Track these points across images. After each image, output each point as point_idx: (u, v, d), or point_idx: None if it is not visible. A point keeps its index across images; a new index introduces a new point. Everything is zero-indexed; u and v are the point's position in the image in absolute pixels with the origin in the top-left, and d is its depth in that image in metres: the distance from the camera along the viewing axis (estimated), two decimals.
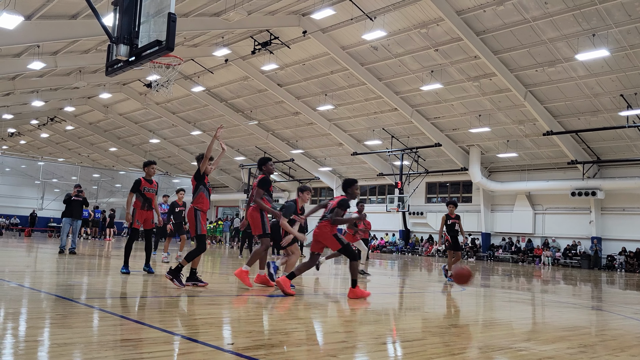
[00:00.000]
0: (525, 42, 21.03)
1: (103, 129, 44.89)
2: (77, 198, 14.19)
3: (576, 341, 5.08)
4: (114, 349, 3.64)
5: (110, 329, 4.48)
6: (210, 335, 4.41)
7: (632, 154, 25.10)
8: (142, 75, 31.23)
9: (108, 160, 51.07)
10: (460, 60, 23.11)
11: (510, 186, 29.33)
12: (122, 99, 37.57)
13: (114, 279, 8.33)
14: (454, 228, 11.78)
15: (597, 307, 8.46)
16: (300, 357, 3.84)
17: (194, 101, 34.76)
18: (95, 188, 46.36)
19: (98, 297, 6.35)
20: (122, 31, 6.51)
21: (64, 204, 14.25)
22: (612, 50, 19.53)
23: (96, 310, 5.31)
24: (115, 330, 4.42)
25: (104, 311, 5.32)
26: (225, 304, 6.47)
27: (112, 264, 11.45)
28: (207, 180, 7.73)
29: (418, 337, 4.94)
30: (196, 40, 26.54)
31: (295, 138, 35.32)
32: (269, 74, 28.93)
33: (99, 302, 6.00)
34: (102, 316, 5.05)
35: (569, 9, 18.82)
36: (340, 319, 5.99)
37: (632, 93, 21.59)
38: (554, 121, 24.67)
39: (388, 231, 35.09)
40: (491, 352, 4.44)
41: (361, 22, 22.11)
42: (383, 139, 31.20)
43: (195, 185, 7.64)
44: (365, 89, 27.20)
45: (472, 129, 27.17)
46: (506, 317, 6.98)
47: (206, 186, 7.66)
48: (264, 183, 8.03)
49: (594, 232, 26.83)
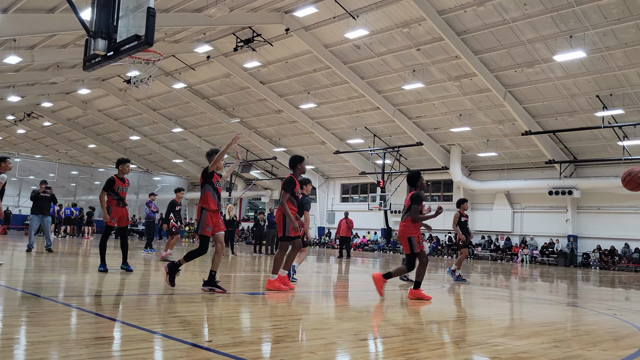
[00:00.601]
0: (505, 43, 21.27)
1: (82, 125, 44.26)
2: (44, 194, 13.96)
3: (550, 336, 5.17)
4: (89, 347, 3.61)
5: (86, 327, 4.44)
6: (189, 332, 4.39)
7: (607, 154, 25.57)
8: (121, 71, 30.85)
9: (87, 157, 50.38)
10: (441, 60, 23.29)
11: (489, 185, 29.68)
12: (101, 94, 37.08)
13: (92, 277, 8.24)
14: (466, 226, 11.85)
15: (572, 303, 8.61)
16: (280, 354, 3.85)
17: (175, 98, 34.46)
18: (74, 185, 45.71)
19: (75, 295, 6.28)
20: (100, 25, 6.44)
21: (32, 200, 14.00)
22: (589, 51, 19.86)
23: (73, 309, 5.25)
24: (91, 328, 4.38)
25: (81, 309, 5.26)
26: (205, 302, 6.44)
27: (90, 262, 11.32)
28: (218, 178, 7.35)
29: (397, 334, 4.99)
30: (177, 36, 26.31)
31: (277, 136, 35.25)
32: (251, 71, 28.82)
33: (76, 300, 5.94)
34: (79, 314, 5.00)
35: (547, 11, 19.08)
36: (320, 316, 6.01)
37: (608, 94, 21.99)
38: (532, 121, 25.02)
39: (370, 229, 35.23)
40: (468, 347, 4.50)
41: (344, 20, 22.14)
42: (365, 138, 31.31)
43: (202, 183, 7.28)
44: (348, 87, 27.26)
45: (453, 129, 27.42)
46: (484, 314, 7.08)
47: (214, 185, 7.23)
48: (290, 184, 7.67)
49: (570, 230, 27.28)
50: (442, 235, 31.44)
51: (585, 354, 4.44)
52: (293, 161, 7.89)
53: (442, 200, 32.81)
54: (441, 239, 31.59)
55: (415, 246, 7.49)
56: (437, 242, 31.47)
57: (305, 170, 8.12)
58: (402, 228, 7.64)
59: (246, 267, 13.08)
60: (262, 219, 19.47)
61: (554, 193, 26.51)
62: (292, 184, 7.67)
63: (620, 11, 18.25)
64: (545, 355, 4.24)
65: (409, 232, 7.55)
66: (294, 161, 7.88)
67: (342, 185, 38.33)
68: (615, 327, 6.18)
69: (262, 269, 12.84)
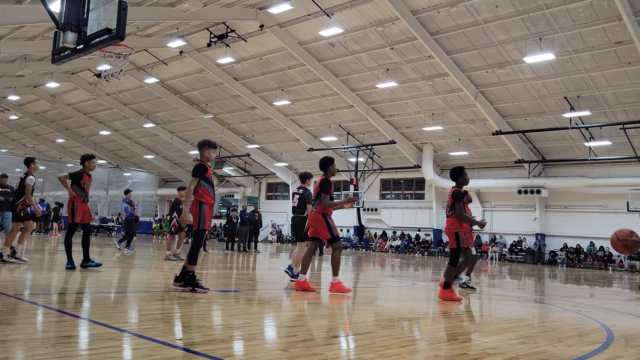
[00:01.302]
0: (477, 44, 21.59)
1: (50, 119, 43.25)
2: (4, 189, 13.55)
3: (518, 332, 5.28)
4: (56, 346, 3.54)
5: (52, 325, 4.35)
6: (158, 330, 4.34)
7: (574, 154, 26.20)
8: (91, 65, 30.25)
9: (55, 152, 49.25)
10: (414, 59, 23.50)
11: None
12: (70, 88, 36.29)
13: (59, 275, 8.07)
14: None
15: (539, 300, 8.81)
16: (251, 352, 3.84)
17: (147, 93, 33.96)
18: (41, 181, 44.62)
19: (41, 293, 6.14)
20: (69, 18, 6.30)
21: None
22: (558, 54, 20.30)
23: (39, 307, 5.14)
24: (57, 326, 4.29)
25: (47, 307, 5.15)
26: (175, 300, 6.38)
27: (57, 259, 11.08)
28: (211, 172, 7.01)
29: (368, 331, 5.02)
30: (149, 31, 25.91)
31: (251, 133, 35.06)
32: (225, 67, 28.59)
33: (42, 298, 5.81)
34: (45, 312, 4.90)
35: (518, 13, 19.43)
36: (292, 314, 6.01)
37: (575, 96, 22.52)
38: (502, 121, 25.46)
39: (343, 227, 35.36)
40: (438, 343, 4.56)
41: (318, 18, 22.14)
42: (339, 136, 31.39)
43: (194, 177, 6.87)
44: (322, 85, 27.28)
45: (426, 127, 27.71)
46: (454, 310, 7.18)
47: (208, 180, 6.88)
48: (327, 185, 7.56)
49: (538, 228, 27.89)
50: (413, 233, 31.76)
51: (551, 349, 4.55)
52: (324, 163, 7.79)
53: (414, 198, 33.13)
54: (412, 236, 31.90)
55: (462, 241, 7.56)
56: (408, 240, 31.77)
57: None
58: (449, 224, 7.73)
59: (218, 264, 12.99)
60: (235, 215, 19.36)
61: (523, 192, 27.05)
62: (330, 185, 7.62)
63: (588, 15, 18.70)
64: (513, 351, 4.33)
65: (456, 228, 7.64)
66: (325, 163, 7.79)
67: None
68: (580, 323, 6.34)
69: (234, 266, 12.77)
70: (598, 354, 4.47)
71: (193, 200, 6.81)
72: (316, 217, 7.57)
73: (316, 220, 7.56)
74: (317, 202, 7.63)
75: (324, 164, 7.75)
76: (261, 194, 41.29)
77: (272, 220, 38.67)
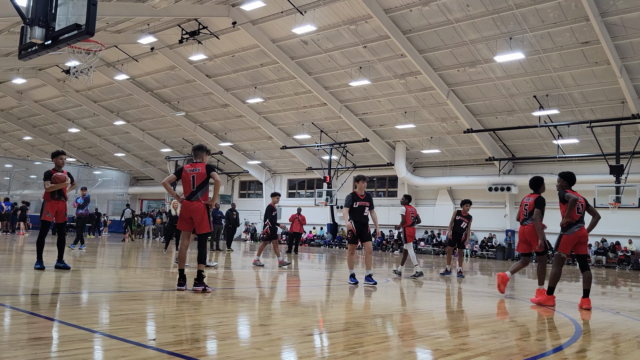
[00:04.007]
0: (449, 43, 21.84)
1: (16, 116, 42.14)
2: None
3: (489, 328, 5.38)
4: (25, 348, 3.46)
5: (21, 327, 4.25)
6: (131, 331, 4.28)
7: (543, 151, 26.76)
8: (60, 61, 29.54)
9: (22, 149, 48.04)
10: (387, 57, 23.65)
11: (432, 181, 30.44)
12: (38, 85, 35.41)
13: (27, 275, 7.89)
14: (460, 225, 12.80)
15: (509, 295, 8.97)
16: (225, 351, 3.82)
17: (118, 90, 33.38)
18: (8, 179, 43.48)
19: (9, 294, 5.99)
20: (37, 12, 6.13)
21: None
22: (527, 53, 20.69)
23: (7, 308, 5.01)
24: (26, 328, 4.19)
25: (15, 309, 5.03)
26: (148, 300, 6.30)
27: (25, 259, 10.82)
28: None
29: (342, 328, 5.05)
30: (120, 26, 25.45)
31: (224, 130, 34.79)
32: (197, 64, 28.29)
33: (10, 299, 5.67)
34: (13, 314, 4.78)
35: (489, 13, 19.73)
36: (266, 312, 6.00)
37: (544, 95, 23.00)
38: (473, 119, 25.84)
39: (316, 225, 35.39)
40: (411, 340, 4.61)
41: (291, 15, 22.09)
42: (312, 134, 31.40)
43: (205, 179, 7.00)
44: (295, 83, 27.23)
45: (398, 125, 27.93)
46: (426, 307, 7.27)
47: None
48: (542, 203, 8.08)
49: (508, 225, 28.42)
50: (387, 231, 31.99)
51: (522, 344, 4.64)
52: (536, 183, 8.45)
53: (387, 196, 33.36)
54: (385, 234, 32.12)
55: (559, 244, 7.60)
56: (382, 237, 32.00)
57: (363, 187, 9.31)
58: (531, 229, 7.96)
59: (191, 263, 12.86)
60: None
61: (494, 189, 27.53)
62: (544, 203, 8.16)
63: (557, 15, 19.10)
64: (485, 346, 4.41)
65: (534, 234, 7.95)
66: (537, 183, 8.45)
67: (289, 180, 38.32)
68: (550, 318, 6.49)
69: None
70: (567, 347, 4.59)
71: (203, 204, 6.96)
72: (531, 233, 7.95)
73: (531, 235, 7.96)
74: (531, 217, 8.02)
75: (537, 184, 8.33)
76: (234, 192, 41.05)
77: (245, 218, 38.49)
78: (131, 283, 7.93)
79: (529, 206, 8.09)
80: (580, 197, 7.69)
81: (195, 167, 7.00)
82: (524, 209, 8.15)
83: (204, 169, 6.96)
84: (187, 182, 6.97)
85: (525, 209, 8.13)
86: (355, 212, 9.17)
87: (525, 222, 8.07)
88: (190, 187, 6.94)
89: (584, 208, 7.65)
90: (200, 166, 6.99)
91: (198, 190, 6.92)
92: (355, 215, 9.18)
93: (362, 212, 9.22)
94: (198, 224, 6.89)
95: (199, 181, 6.93)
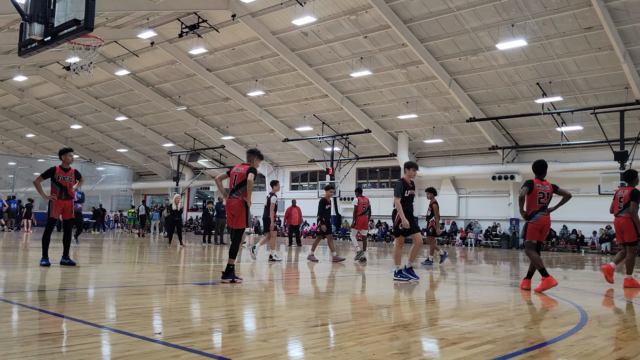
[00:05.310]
0: (450, 31, 21.70)
1: (19, 114, 42.20)
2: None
3: (495, 316, 5.38)
4: (32, 344, 3.47)
5: (28, 323, 4.27)
6: (137, 325, 4.29)
7: (546, 139, 26.65)
8: (60, 57, 29.53)
9: (25, 147, 48.14)
10: (388, 47, 23.53)
11: (436, 171, 30.38)
12: (39, 82, 35.42)
13: (33, 272, 7.92)
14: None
15: (514, 284, 8.97)
16: (231, 343, 3.83)
17: (118, 85, 33.36)
18: (12, 177, 43.62)
19: (16, 291, 6.02)
20: (36, 9, 6.12)
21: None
22: (529, 40, 20.55)
23: (14, 305, 5.04)
24: (34, 324, 4.21)
25: (22, 305, 5.05)
26: (153, 294, 6.32)
27: (30, 256, 10.87)
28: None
29: (347, 319, 5.05)
30: (119, 22, 25.39)
31: (225, 124, 34.76)
32: (197, 58, 28.22)
33: (17, 296, 5.69)
34: (20, 310, 4.80)
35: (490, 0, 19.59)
36: (271, 304, 6.01)
37: (547, 82, 22.87)
38: (476, 108, 25.73)
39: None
40: (416, 329, 4.61)
41: (291, 7, 21.97)
42: (314, 126, 31.34)
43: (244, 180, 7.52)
44: (296, 75, 27.15)
45: (400, 116, 27.85)
46: (431, 296, 7.27)
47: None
48: (637, 195, 8.33)
49: (512, 214, 28.36)
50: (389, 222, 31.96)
51: (527, 331, 4.64)
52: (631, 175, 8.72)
53: (390, 186, 33.32)
54: (390, 224, 32.13)
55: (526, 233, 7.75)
56: (385, 228, 32.00)
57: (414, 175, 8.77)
58: (626, 221, 8.32)
59: (196, 257, 12.91)
60: (211, 208, 19.21)
61: (497, 178, 27.44)
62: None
63: (559, 1, 18.95)
64: (490, 334, 4.40)
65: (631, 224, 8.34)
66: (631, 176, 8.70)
67: (292, 173, 38.31)
68: (555, 305, 6.49)
69: (211, 258, 12.70)
70: (572, 334, 4.58)
71: (241, 201, 7.43)
72: (627, 223, 8.35)
73: (627, 226, 8.36)
74: (626, 209, 8.40)
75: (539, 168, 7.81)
76: None
77: None
78: (135, 277, 7.95)
79: (624, 198, 8.43)
80: (548, 185, 7.79)
81: (240, 167, 7.60)
82: (619, 201, 8.50)
83: (246, 170, 7.50)
84: (230, 180, 7.63)
85: (620, 201, 8.51)
86: (405, 201, 8.38)
87: (620, 214, 8.44)
88: (231, 186, 7.55)
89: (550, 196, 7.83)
90: (245, 167, 7.55)
91: (237, 188, 7.46)
92: (405, 204, 8.38)
93: (411, 202, 8.53)
94: (235, 219, 7.45)
95: (239, 180, 7.49)
